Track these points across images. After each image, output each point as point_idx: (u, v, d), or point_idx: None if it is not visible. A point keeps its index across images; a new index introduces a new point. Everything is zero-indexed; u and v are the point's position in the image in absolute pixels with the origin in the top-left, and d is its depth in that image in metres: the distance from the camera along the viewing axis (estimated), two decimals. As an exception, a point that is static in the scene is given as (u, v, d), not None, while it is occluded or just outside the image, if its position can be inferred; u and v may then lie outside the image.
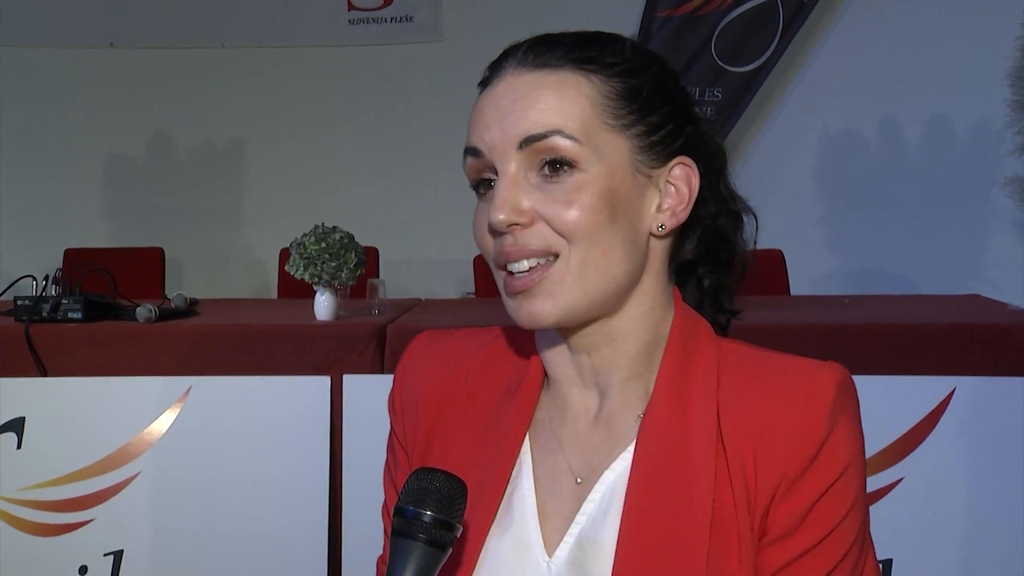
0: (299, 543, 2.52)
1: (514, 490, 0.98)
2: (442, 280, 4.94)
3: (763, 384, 0.92)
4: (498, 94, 0.94)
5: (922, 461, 2.34)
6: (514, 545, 0.96)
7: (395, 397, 1.10)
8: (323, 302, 2.74)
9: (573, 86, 0.92)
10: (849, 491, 0.91)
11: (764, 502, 0.90)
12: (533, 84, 0.93)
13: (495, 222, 0.91)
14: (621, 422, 0.97)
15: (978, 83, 4.62)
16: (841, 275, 4.98)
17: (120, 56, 5.32)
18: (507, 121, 0.92)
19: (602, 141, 0.92)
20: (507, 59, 0.96)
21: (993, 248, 4.83)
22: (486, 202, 0.96)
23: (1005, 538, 2.32)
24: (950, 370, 2.41)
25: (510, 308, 0.95)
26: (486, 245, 0.96)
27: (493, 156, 0.93)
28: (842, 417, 0.91)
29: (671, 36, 4.90)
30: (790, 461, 0.89)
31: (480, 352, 1.06)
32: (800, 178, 4.97)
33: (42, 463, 2.56)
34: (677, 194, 0.96)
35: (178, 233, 5.16)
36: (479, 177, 0.96)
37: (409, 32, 5.25)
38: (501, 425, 1.00)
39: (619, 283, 0.94)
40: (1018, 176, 4.38)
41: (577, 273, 0.91)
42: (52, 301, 2.75)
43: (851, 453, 0.91)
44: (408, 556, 0.85)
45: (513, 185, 0.92)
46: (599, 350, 0.97)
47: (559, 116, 0.91)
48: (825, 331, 2.59)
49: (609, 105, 0.93)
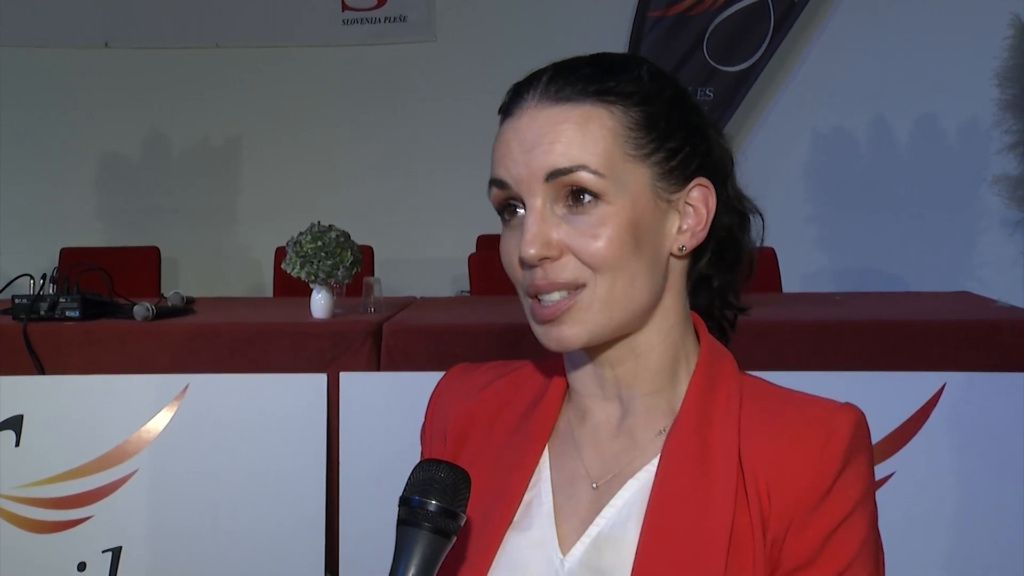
0: (296, 538, 2.54)
1: (534, 496, 1.01)
2: (437, 278, 4.96)
3: (783, 418, 0.96)
4: (521, 128, 0.96)
5: (913, 455, 2.37)
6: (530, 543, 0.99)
7: (426, 427, 1.13)
8: (319, 300, 2.76)
9: (596, 119, 0.95)
10: (862, 525, 0.94)
11: (775, 532, 0.93)
12: (556, 119, 0.95)
13: (526, 257, 0.94)
14: (643, 434, 1.01)
15: (967, 83, 4.66)
16: (832, 273, 5.02)
17: (115, 56, 5.32)
18: (533, 155, 0.95)
19: (625, 172, 0.95)
20: (528, 91, 0.97)
21: (982, 246, 4.86)
22: (512, 229, 0.98)
23: (995, 530, 2.35)
24: (940, 366, 2.44)
25: (539, 333, 0.98)
26: (516, 273, 0.98)
27: (520, 189, 0.96)
28: (856, 456, 0.94)
29: (663, 36, 4.93)
30: (806, 494, 0.93)
31: (506, 376, 1.10)
32: (791, 177, 5.00)
33: (40, 461, 2.58)
34: (695, 215, 0.99)
35: (173, 232, 5.17)
36: (504, 204, 0.99)
37: (403, 32, 5.27)
38: (523, 433, 1.04)
39: (643, 306, 0.98)
40: (1007, 175, 4.42)
41: (604, 301, 0.95)
42: (49, 300, 2.76)
43: (863, 489, 0.95)
44: (414, 544, 0.87)
45: (541, 220, 0.94)
46: (624, 364, 1.01)
47: (583, 151, 0.94)
48: (818, 328, 2.62)
49: (631, 136, 0.95)
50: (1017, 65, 4.35)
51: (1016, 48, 4.34)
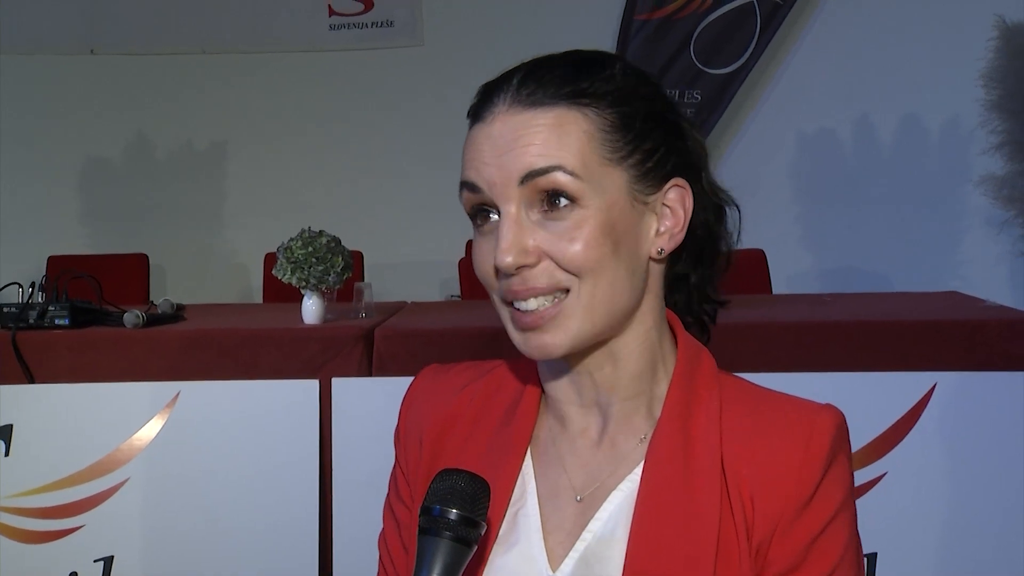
0: (290, 544, 2.53)
1: (519, 508, 1.00)
2: (427, 283, 4.96)
3: (763, 421, 0.96)
4: (494, 132, 0.93)
5: (904, 456, 2.38)
6: (519, 560, 0.98)
7: (400, 431, 1.11)
8: (310, 306, 2.75)
9: (570, 122, 0.92)
10: (844, 528, 0.94)
11: (759, 538, 0.93)
12: (528, 123, 0.92)
13: (503, 266, 0.92)
14: (625, 443, 1.00)
15: (952, 83, 4.70)
16: (819, 273, 5.04)
17: (101, 63, 5.31)
18: (506, 158, 0.92)
19: (601, 176, 0.93)
20: (498, 94, 0.95)
21: (968, 245, 4.90)
22: (485, 235, 0.96)
23: (987, 530, 2.36)
24: (930, 366, 2.45)
25: (518, 341, 0.96)
26: (490, 280, 0.96)
27: (493, 193, 0.93)
28: (837, 459, 0.95)
29: (649, 39, 4.94)
30: (789, 499, 0.93)
31: (482, 378, 1.08)
32: (778, 178, 5.02)
33: (31, 470, 2.55)
34: (673, 216, 0.98)
35: (162, 238, 5.16)
36: (475, 209, 0.96)
37: (389, 37, 5.27)
38: (502, 445, 1.02)
39: (624, 310, 0.96)
40: (992, 174, 4.45)
41: (586, 307, 0.93)
42: (38, 308, 2.74)
43: (845, 492, 0.95)
44: (435, 553, 0.87)
45: (517, 226, 0.92)
46: (602, 369, 0.99)
47: (560, 151, 0.91)
48: (807, 328, 2.62)
49: (606, 139, 0.93)
50: (1002, 66, 4.38)
51: (1001, 49, 4.37)
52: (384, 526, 1.12)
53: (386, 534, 1.11)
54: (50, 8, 5.25)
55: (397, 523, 1.09)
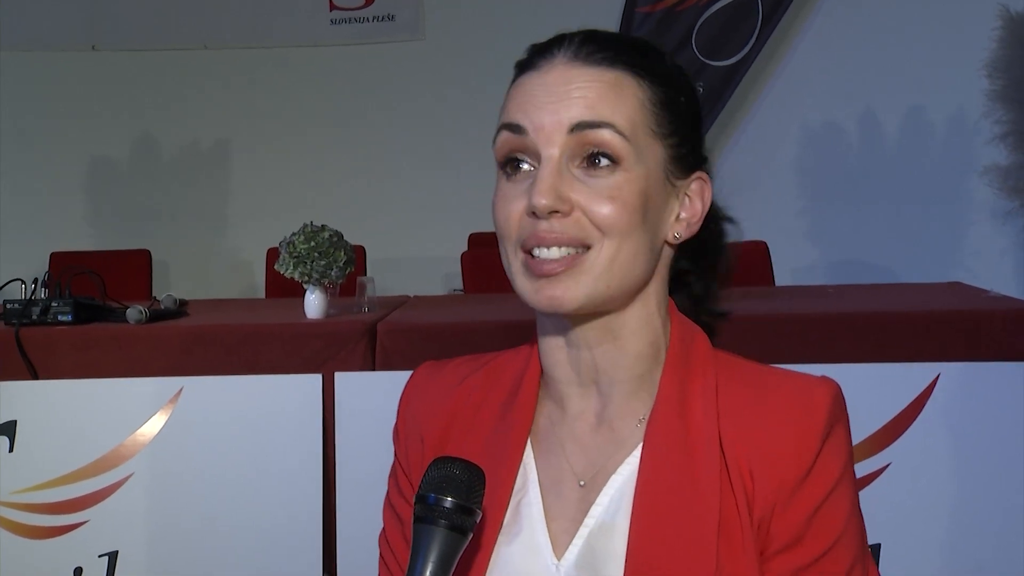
0: (294, 539, 2.54)
1: (521, 497, 1.00)
2: (429, 277, 4.95)
3: (760, 397, 0.96)
4: (550, 80, 0.94)
5: (908, 447, 2.38)
6: (523, 549, 0.98)
7: (399, 428, 1.11)
8: (313, 300, 2.75)
9: (628, 86, 0.95)
10: (845, 500, 0.95)
11: (760, 513, 0.93)
12: (588, 77, 0.94)
13: (538, 206, 0.91)
14: (623, 425, 0.99)
15: (956, 74, 4.68)
16: (823, 266, 5.03)
17: (103, 59, 5.31)
18: (561, 104, 0.93)
19: (645, 145, 0.95)
20: (558, 48, 0.96)
21: (973, 236, 4.88)
22: (515, 183, 0.96)
23: (991, 521, 2.36)
24: (934, 357, 2.44)
25: (529, 291, 0.95)
26: (510, 224, 0.95)
27: (538, 137, 0.93)
28: (835, 431, 0.95)
29: (651, 32, 4.93)
30: (788, 472, 0.93)
31: (480, 371, 1.08)
32: (782, 171, 5.01)
33: (35, 466, 2.56)
34: (692, 207, 1.00)
35: (164, 234, 5.16)
36: (511, 156, 0.96)
37: (391, 31, 5.26)
38: (503, 434, 1.02)
39: (637, 282, 0.97)
40: (996, 165, 4.44)
41: (605, 265, 0.93)
42: (42, 304, 2.74)
43: (844, 463, 0.95)
44: (431, 541, 0.87)
45: (557, 173, 0.93)
46: (601, 345, 0.99)
47: (613, 111, 0.93)
48: (811, 320, 2.62)
49: (655, 112, 0.96)
50: (1006, 55, 4.36)
51: (1005, 39, 4.36)
52: (385, 524, 1.12)
53: (388, 532, 1.11)
54: (51, 4, 5.25)
55: (400, 520, 1.09)
